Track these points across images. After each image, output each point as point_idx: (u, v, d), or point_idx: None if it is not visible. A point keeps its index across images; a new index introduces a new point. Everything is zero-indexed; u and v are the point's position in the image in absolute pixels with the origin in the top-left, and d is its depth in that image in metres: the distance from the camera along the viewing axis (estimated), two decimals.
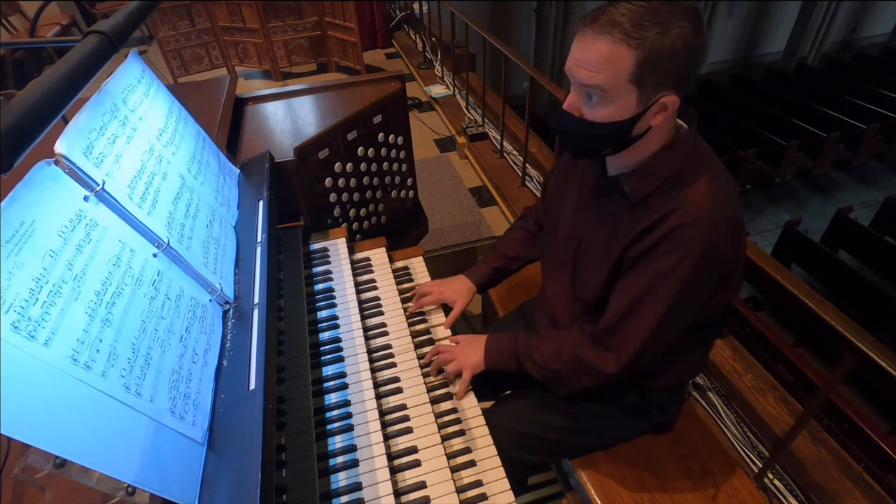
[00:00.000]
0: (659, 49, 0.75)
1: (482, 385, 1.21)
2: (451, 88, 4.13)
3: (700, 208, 0.84)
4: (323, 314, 1.23)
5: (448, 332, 1.30)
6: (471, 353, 1.15)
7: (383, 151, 1.68)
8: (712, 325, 1.05)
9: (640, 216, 0.90)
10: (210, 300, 0.90)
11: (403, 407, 1.08)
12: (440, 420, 1.08)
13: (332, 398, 1.05)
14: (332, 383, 1.08)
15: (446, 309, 1.34)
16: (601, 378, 1.00)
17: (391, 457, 0.98)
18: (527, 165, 2.82)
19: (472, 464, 1.02)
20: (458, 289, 1.32)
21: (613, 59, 0.77)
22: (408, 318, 1.29)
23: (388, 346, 1.20)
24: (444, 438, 1.04)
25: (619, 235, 0.94)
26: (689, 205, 0.84)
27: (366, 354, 1.13)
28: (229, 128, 1.47)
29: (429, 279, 1.44)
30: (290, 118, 1.59)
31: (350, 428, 0.99)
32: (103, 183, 0.73)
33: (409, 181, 1.87)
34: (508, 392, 1.34)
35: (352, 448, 0.97)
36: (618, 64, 0.77)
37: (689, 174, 0.87)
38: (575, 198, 1.09)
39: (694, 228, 0.84)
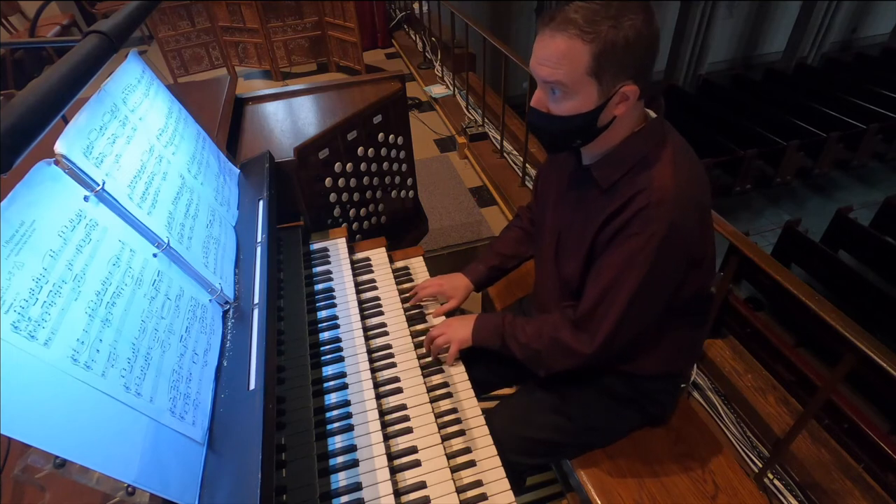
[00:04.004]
0: (613, 41, 0.79)
1: (484, 377, 1.24)
2: (451, 88, 4.13)
3: (663, 189, 0.88)
4: (323, 314, 1.23)
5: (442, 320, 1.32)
6: (460, 327, 1.20)
7: (383, 151, 1.68)
8: (693, 312, 1.07)
9: (609, 201, 0.94)
10: (210, 300, 0.90)
11: (403, 407, 1.08)
12: (440, 420, 1.08)
13: (332, 398, 1.05)
14: (332, 383, 1.07)
15: (448, 313, 1.35)
16: (578, 359, 1.03)
17: (391, 457, 0.98)
18: (527, 165, 2.82)
19: (472, 464, 1.02)
20: (457, 286, 1.36)
21: (571, 54, 0.81)
22: (408, 318, 1.29)
23: (388, 346, 1.20)
24: (444, 438, 1.04)
25: (591, 221, 0.98)
26: (653, 186, 0.88)
27: (366, 354, 1.13)
28: (229, 128, 1.47)
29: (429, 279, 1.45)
30: (290, 118, 1.59)
31: (350, 428, 0.99)
32: (103, 183, 0.72)
33: (409, 181, 1.87)
34: (511, 391, 1.35)
35: (352, 448, 0.97)
36: (575, 59, 0.81)
37: (655, 159, 0.91)
38: (556, 191, 1.13)
39: (658, 209, 0.87)
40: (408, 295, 1.37)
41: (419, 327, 1.30)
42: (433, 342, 1.20)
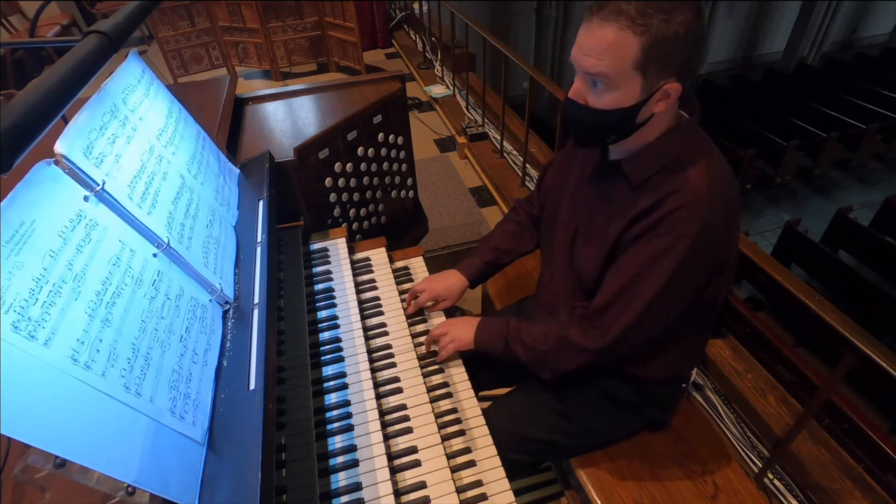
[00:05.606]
0: (663, 36, 0.77)
1: (483, 376, 1.25)
2: (451, 88, 4.13)
3: (698, 191, 0.86)
4: (323, 314, 1.23)
5: (442, 318, 1.32)
6: (463, 329, 1.19)
7: (383, 151, 1.68)
8: (709, 316, 1.06)
9: (639, 198, 0.92)
10: (210, 300, 0.90)
11: (403, 407, 1.08)
12: (440, 420, 1.08)
13: (332, 398, 1.05)
14: (332, 383, 1.07)
15: (447, 311, 1.34)
16: (585, 355, 1.01)
17: (391, 457, 0.98)
18: (527, 165, 2.82)
19: (472, 464, 1.02)
20: (450, 285, 1.33)
21: (619, 45, 0.78)
22: (408, 318, 1.29)
23: (388, 346, 1.20)
24: (444, 438, 1.04)
25: (617, 217, 0.96)
26: (688, 188, 0.86)
27: (366, 354, 1.13)
28: (229, 128, 1.47)
29: None
30: (290, 118, 1.59)
31: (350, 428, 0.99)
32: (103, 183, 0.72)
33: (409, 181, 1.87)
34: (508, 391, 1.35)
35: (352, 448, 0.97)
36: (623, 51, 0.78)
37: (689, 160, 0.89)
38: (575, 185, 1.11)
39: (691, 211, 0.85)
40: (405, 305, 1.33)
41: (419, 327, 1.30)
42: (437, 341, 1.20)
